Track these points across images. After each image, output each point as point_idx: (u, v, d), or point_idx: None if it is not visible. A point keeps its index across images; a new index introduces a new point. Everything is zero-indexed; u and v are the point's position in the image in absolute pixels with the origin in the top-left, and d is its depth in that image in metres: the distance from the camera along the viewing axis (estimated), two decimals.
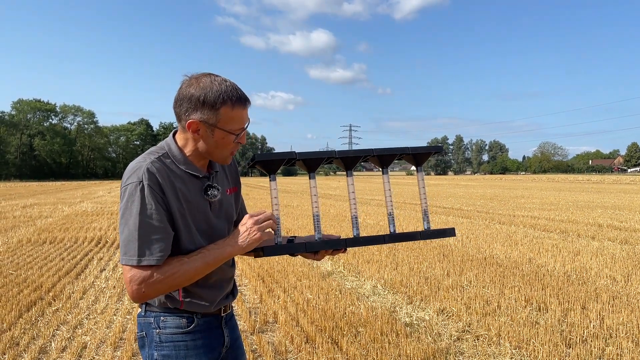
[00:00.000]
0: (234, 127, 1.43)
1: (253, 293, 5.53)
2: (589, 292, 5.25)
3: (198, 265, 1.39)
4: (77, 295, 5.41)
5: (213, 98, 1.39)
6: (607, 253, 7.58)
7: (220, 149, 1.45)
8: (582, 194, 24.75)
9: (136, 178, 1.37)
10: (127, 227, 1.35)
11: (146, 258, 1.34)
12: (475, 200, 20.68)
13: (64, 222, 12.47)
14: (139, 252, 1.34)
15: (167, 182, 1.40)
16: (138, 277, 1.33)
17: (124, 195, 1.38)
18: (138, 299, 1.36)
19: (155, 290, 1.36)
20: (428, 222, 1.66)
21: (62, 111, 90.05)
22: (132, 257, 1.34)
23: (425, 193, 1.67)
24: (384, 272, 6.26)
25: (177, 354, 1.46)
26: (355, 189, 1.60)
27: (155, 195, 1.37)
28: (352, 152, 1.54)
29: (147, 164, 1.39)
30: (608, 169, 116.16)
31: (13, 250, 8.22)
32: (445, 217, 13.32)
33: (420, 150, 1.60)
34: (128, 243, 1.35)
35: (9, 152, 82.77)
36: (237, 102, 1.41)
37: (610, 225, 10.95)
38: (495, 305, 4.79)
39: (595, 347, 3.75)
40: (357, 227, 1.58)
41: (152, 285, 1.34)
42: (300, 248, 1.49)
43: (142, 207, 1.35)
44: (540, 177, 71.74)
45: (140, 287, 1.34)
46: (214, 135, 1.42)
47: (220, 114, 1.40)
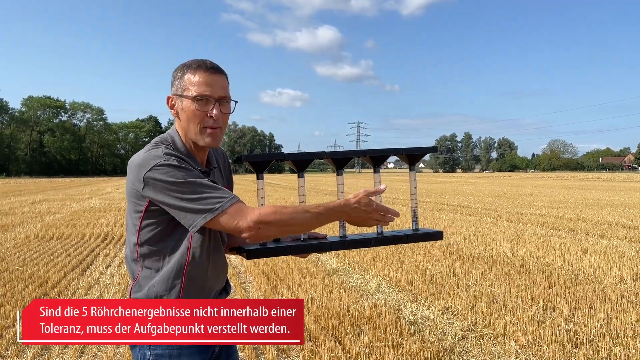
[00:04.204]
0: (196, 91, 1.41)
1: (257, 290, 5.52)
2: (597, 291, 5.18)
3: (311, 211, 1.37)
4: (82, 291, 5.43)
5: (180, 68, 1.45)
6: (616, 252, 7.49)
7: (192, 123, 1.43)
8: (592, 192, 24.54)
9: (159, 160, 1.35)
10: (186, 193, 1.32)
11: (233, 197, 1.34)
12: (483, 197, 20.56)
13: (71, 218, 12.54)
14: (220, 195, 1.33)
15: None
16: (247, 212, 1.32)
17: (155, 178, 1.34)
18: (257, 230, 1.32)
19: (270, 223, 1.32)
20: (417, 223, 1.65)
21: (71, 108, 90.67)
22: (219, 201, 1.32)
23: (417, 193, 1.66)
24: (389, 269, 6.22)
25: (170, 352, 1.43)
26: (344, 188, 1.60)
27: (185, 165, 1.37)
28: (342, 152, 1.56)
29: (163, 149, 1.39)
30: (618, 166, 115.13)
31: (20, 246, 8.27)
32: (453, 214, 13.25)
33: (415, 151, 1.60)
34: (205, 199, 1.32)
35: (19, 148, 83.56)
36: (198, 67, 1.42)
37: (620, 224, 10.83)
38: (501, 304, 4.74)
39: (603, 347, 3.70)
40: (345, 228, 1.58)
41: (265, 218, 1.31)
42: (285, 251, 1.49)
43: (184, 173, 1.34)
44: (549, 175, 71.33)
45: (258, 221, 1.31)
46: (184, 106, 1.43)
47: (184, 81, 1.43)
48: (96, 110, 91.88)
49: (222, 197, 1.33)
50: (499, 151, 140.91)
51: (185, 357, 1.44)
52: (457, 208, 15.34)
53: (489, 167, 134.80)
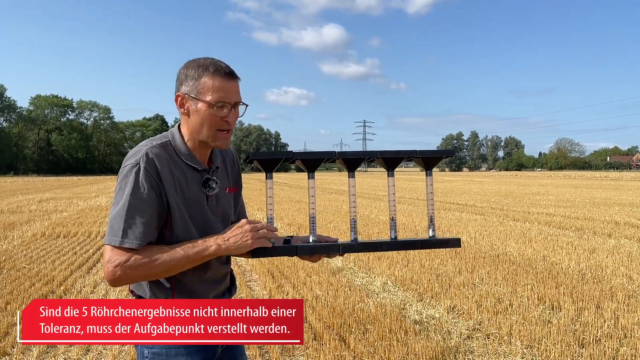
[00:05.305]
0: (214, 98, 1.41)
1: (262, 289, 5.52)
2: (604, 291, 5.14)
3: (178, 257, 1.35)
4: (87, 289, 5.45)
5: (194, 68, 1.43)
6: (624, 251, 7.43)
7: (206, 127, 1.44)
8: (599, 191, 24.38)
9: (134, 161, 1.38)
10: (116, 207, 1.35)
11: (128, 240, 1.32)
12: (490, 196, 20.48)
13: (78, 216, 12.60)
14: (122, 233, 1.32)
15: (165, 169, 1.40)
16: (115, 259, 1.32)
17: (120, 176, 1.39)
18: (112, 282, 1.34)
19: (128, 276, 1.33)
20: (434, 230, 1.57)
21: (78, 107, 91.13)
22: (115, 237, 1.33)
23: (433, 199, 1.58)
24: (395, 268, 6.21)
25: (167, 352, 1.43)
26: (356, 191, 1.54)
27: (150, 179, 1.36)
28: (354, 153, 1.49)
29: (147, 148, 1.40)
30: (626, 165, 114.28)
31: (27, 244, 8.32)
32: (459, 213, 13.20)
33: (429, 155, 1.51)
34: (114, 223, 1.34)
35: (27, 147, 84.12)
36: (216, 71, 1.42)
37: (628, 223, 10.75)
38: (507, 304, 4.71)
39: (609, 347, 3.67)
40: (356, 231, 1.54)
41: (127, 270, 1.32)
42: (292, 252, 1.46)
43: (135, 189, 1.35)
44: (556, 174, 70.93)
45: (116, 270, 1.31)
46: (198, 108, 1.43)
47: (200, 83, 1.42)
48: (103, 109, 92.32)
49: (126, 234, 1.33)
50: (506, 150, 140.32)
51: (182, 356, 1.44)
52: (463, 207, 15.28)
53: (496, 166, 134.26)
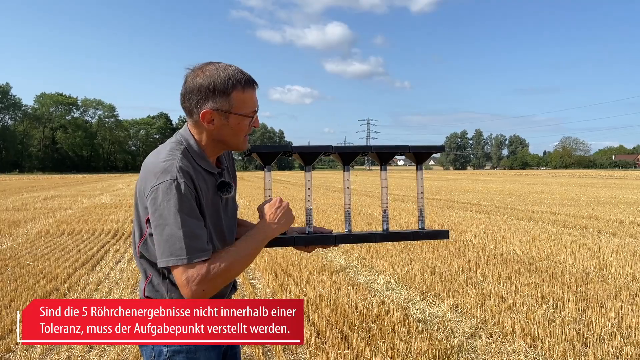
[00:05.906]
0: (248, 110, 1.43)
1: (265, 287, 5.52)
2: (608, 290, 5.12)
3: (249, 252, 1.39)
4: (91, 286, 5.47)
5: (223, 84, 1.38)
6: (628, 250, 7.40)
7: (236, 136, 1.45)
8: (604, 190, 24.27)
9: (169, 176, 1.34)
10: (168, 226, 1.31)
11: (197, 255, 1.30)
12: (494, 195, 20.42)
13: (82, 214, 12.64)
14: (187, 250, 1.29)
15: (197, 178, 1.40)
16: (196, 277, 1.29)
17: (157, 194, 1.33)
18: (201, 298, 1.33)
19: (215, 286, 1.32)
20: (423, 222, 1.64)
21: (83, 105, 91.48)
22: (181, 256, 1.29)
23: (423, 192, 1.65)
24: (398, 267, 6.20)
25: (187, 348, 1.43)
26: (351, 184, 1.58)
27: (190, 191, 1.35)
28: (349, 147, 1.55)
29: (178, 162, 1.37)
30: (632, 164, 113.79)
31: (32, 242, 8.36)
32: (463, 212, 13.17)
33: (421, 150, 1.59)
34: (171, 243, 1.30)
35: (32, 145, 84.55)
36: (246, 84, 1.41)
37: (633, 222, 10.70)
38: (511, 302, 4.70)
39: (613, 346, 3.65)
40: (350, 223, 1.59)
41: (212, 282, 1.31)
42: (290, 242, 1.51)
43: (181, 204, 1.32)
44: (561, 173, 70.70)
45: (201, 287, 1.30)
46: (229, 121, 1.41)
47: (232, 98, 1.39)
48: (108, 107, 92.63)
49: (193, 249, 1.31)
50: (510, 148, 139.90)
51: (201, 352, 1.45)
52: (467, 205, 15.25)
53: (500, 165, 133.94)
